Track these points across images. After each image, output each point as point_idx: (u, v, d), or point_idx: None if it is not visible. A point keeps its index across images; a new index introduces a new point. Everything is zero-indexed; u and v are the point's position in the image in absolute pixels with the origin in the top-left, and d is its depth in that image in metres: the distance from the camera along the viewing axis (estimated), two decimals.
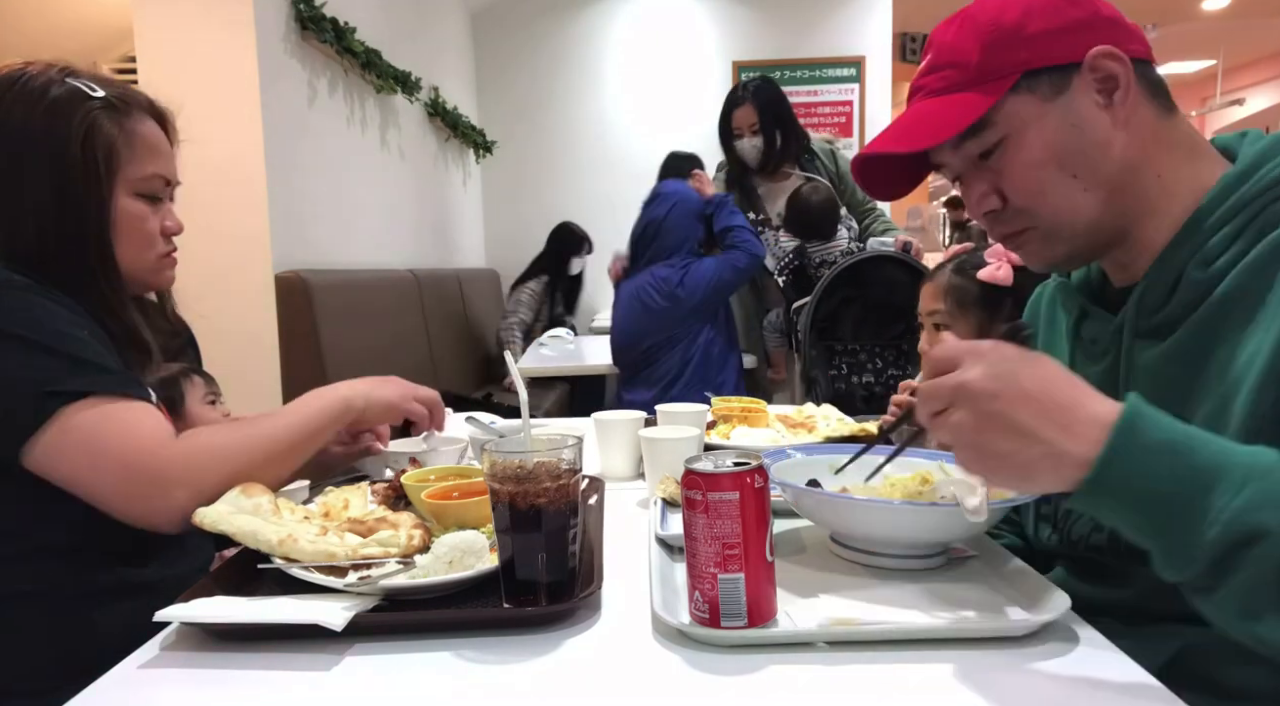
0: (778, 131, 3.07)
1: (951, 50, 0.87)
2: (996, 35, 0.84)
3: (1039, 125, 0.84)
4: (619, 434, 1.35)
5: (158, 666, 0.75)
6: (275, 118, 2.63)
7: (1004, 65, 0.84)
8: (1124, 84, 0.83)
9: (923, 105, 0.89)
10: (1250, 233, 0.79)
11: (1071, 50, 0.83)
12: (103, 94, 1.05)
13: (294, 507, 0.98)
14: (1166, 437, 0.64)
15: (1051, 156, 0.84)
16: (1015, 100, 0.84)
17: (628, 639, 0.78)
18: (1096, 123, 0.83)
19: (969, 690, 0.66)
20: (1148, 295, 0.85)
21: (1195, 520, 0.61)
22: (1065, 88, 0.84)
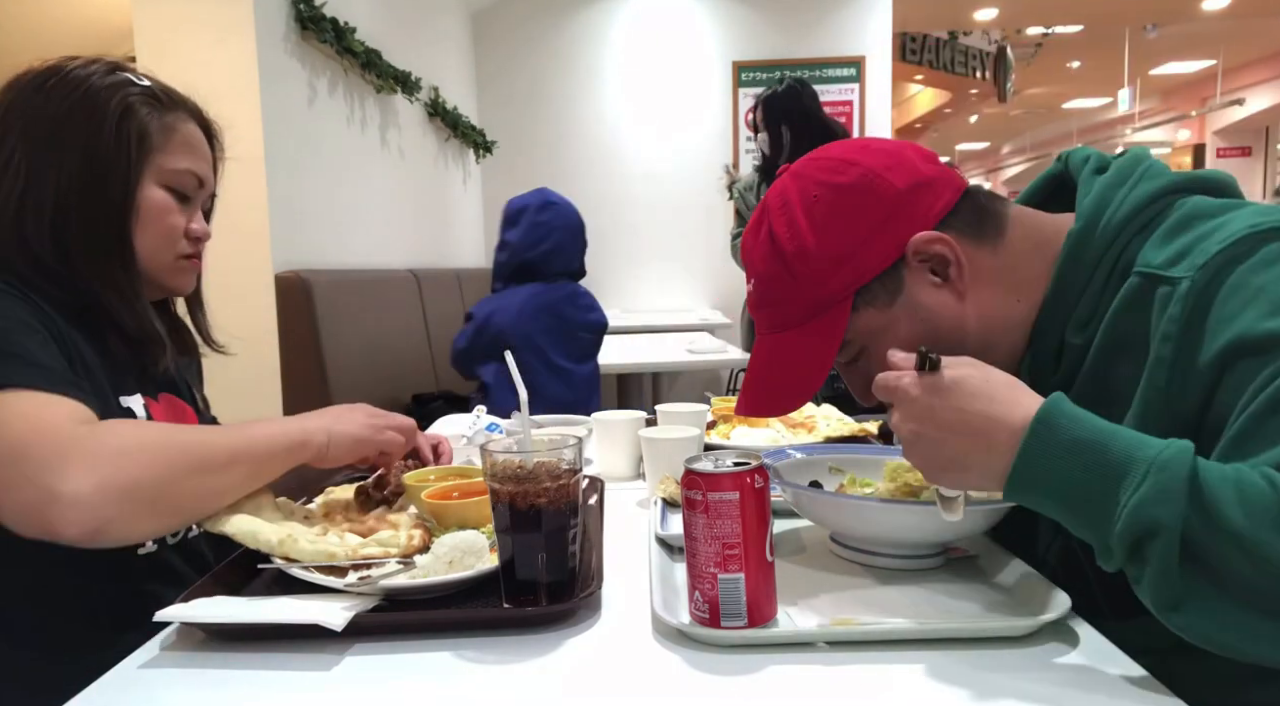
0: (783, 128, 3.21)
1: (773, 288, 0.89)
2: (810, 268, 0.86)
3: (891, 332, 0.86)
4: (619, 434, 1.35)
5: (158, 666, 0.75)
6: (275, 118, 2.63)
7: (832, 293, 0.86)
8: (954, 258, 0.84)
9: (774, 347, 0.92)
10: (1113, 284, 0.80)
11: (887, 250, 0.84)
12: (147, 83, 1.05)
13: (295, 508, 0.98)
14: (1078, 435, 0.66)
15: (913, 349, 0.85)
16: (858, 318, 0.86)
17: (628, 639, 0.78)
18: (942, 305, 0.85)
19: (969, 690, 0.66)
20: (1036, 364, 0.86)
21: (1107, 514, 0.64)
22: (899, 287, 0.85)
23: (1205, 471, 0.61)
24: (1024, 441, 0.67)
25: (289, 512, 0.96)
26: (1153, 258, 0.77)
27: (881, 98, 5.60)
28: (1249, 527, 0.58)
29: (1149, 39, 9.04)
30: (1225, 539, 0.59)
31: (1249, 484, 0.60)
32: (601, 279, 5.77)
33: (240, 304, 2.56)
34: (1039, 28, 8.99)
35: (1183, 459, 0.61)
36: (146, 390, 1.07)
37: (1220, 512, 0.59)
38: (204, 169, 1.11)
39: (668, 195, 5.59)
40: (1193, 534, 0.60)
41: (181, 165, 1.06)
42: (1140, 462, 0.62)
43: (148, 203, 1.03)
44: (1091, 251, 0.81)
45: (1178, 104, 12.45)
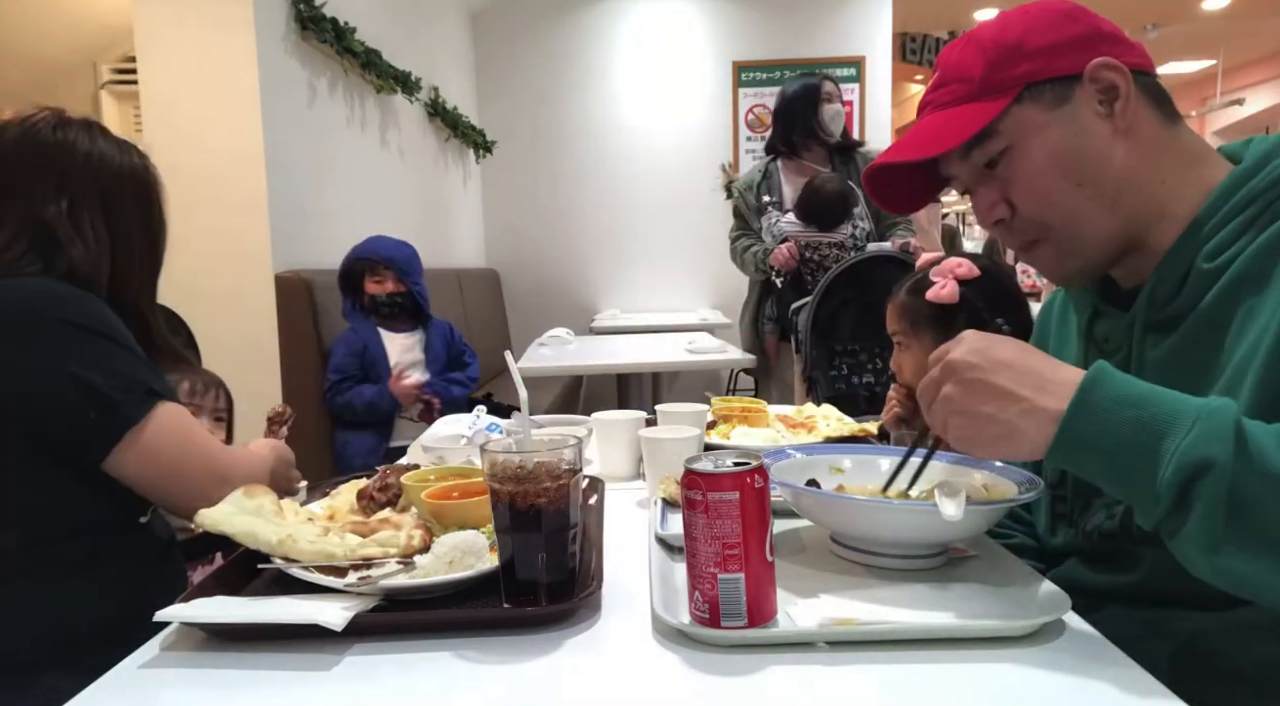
0: (779, 122, 3.32)
1: (957, 67, 0.91)
2: (1000, 51, 0.88)
3: (1042, 134, 0.87)
4: (619, 434, 1.35)
5: (158, 666, 0.75)
6: (275, 118, 2.63)
7: (1007, 78, 0.87)
8: (1124, 94, 0.86)
9: (930, 118, 0.93)
10: (1257, 226, 0.81)
11: (1072, 63, 0.86)
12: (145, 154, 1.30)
13: (297, 509, 0.98)
14: (1127, 392, 0.70)
15: (1055, 164, 0.87)
16: (1019, 110, 0.87)
17: (628, 639, 0.78)
18: (1098, 132, 0.86)
19: (969, 690, 0.66)
20: (1158, 290, 0.87)
21: (1154, 462, 0.66)
22: (1068, 98, 0.87)
23: (1248, 423, 0.65)
24: (1075, 395, 0.70)
25: (290, 514, 0.96)
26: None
27: (881, 98, 5.61)
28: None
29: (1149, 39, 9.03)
30: (1270, 483, 0.63)
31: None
32: (601, 278, 5.79)
33: (240, 304, 2.56)
34: None
35: (1229, 408, 0.65)
36: None
37: (1266, 458, 0.64)
38: None
39: (668, 195, 5.59)
40: (1238, 478, 0.63)
41: None
42: (1188, 412, 0.66)
43: None
44: (1248, 190, 0.83)
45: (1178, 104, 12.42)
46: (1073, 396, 0.70)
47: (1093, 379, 0.70)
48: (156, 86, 2.52)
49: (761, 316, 3.36)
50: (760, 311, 3.38)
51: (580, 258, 5.75)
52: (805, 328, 2.82)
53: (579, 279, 5.71)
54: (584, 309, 5.54)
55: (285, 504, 0.97)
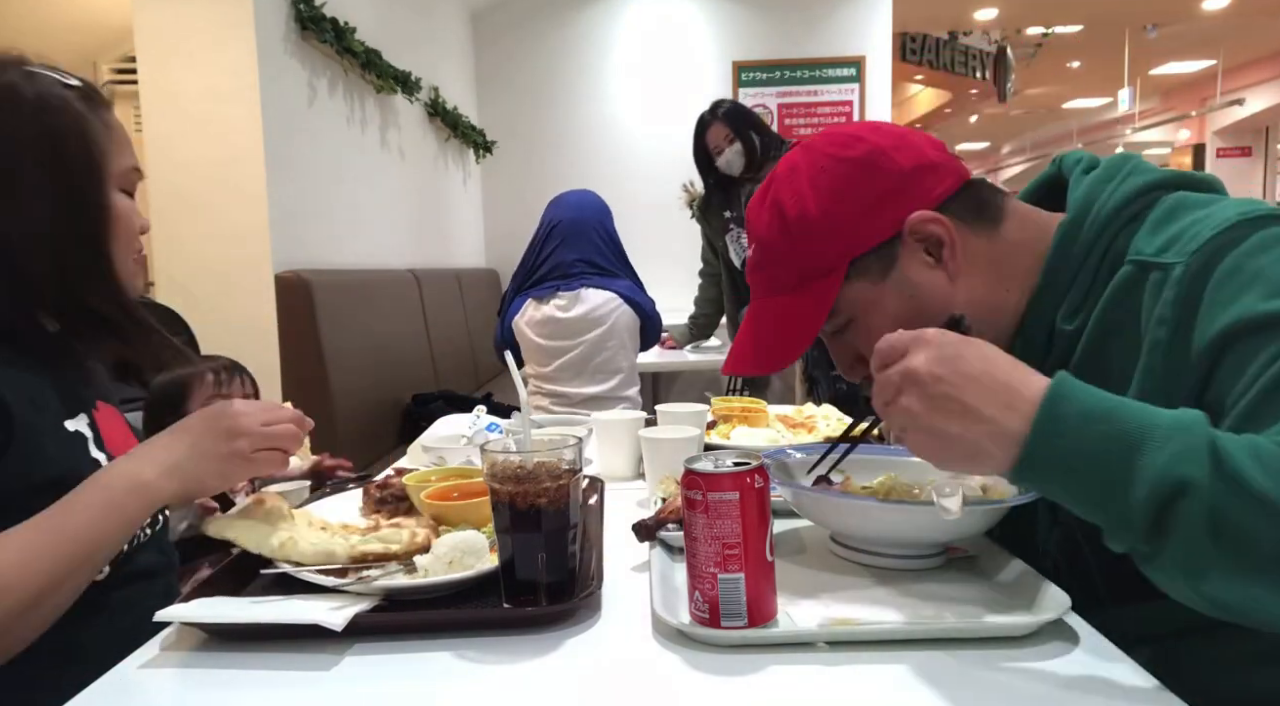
0: (753, 133, 3.28)
1: (772, 250, 0.92)
2: (808, 230, 0.88)
3: (879, 306, 0.88)
4: (619, 434, 1.35)
5: (158, 666, 0.75)
6: (275, 118, 2.63)
7: (828, 260, 0.88)
8: (948, 240, 0.86)
9: (764, 308, 0.94)
10: (1103, 274, 0.82)
11: (886, 225, 0.86)
12: (77, 83, 0.97)
13: (311, 519, 0.97)
14: (1093, 406, 0.64)
15: (902, 326, 0.82)
16: (850, 288, 0.88)
17: (628, 639, 0.78)
18: (933, 284, 0.87)
19: (969, 690, 0.66)
20: (1025, 352, 0.83)
21: (1126, 482, 0.61)
22: (893, 262, 0.87)
23: (1220, 436, 0.60)
24: (1038, 412, 0.64)
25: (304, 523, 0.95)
26: (1144, 246, 0.79)
27: (881, 98, 5.60)
28: (1273, 488, 0.57)
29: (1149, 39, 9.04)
30: (1250, 501, 0.57)
31: (1263, 448, 0.59)
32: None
33: (240, 304, 2.56)
34: (1039, 28, 8.99)
35: (1200, 422, 0.61)
36: (89, 405, 1.02)
37: (1244, 475, 0.58)
38: (136, 158, 1.03)
39: (668, 195, 5.58)
40: (1217, 498, 0.58)
41: (127, 163, 1.00)
42: (1159, 426, 0.61)
43: (117, 213, 0.98)
44: (1081, 242, 0.83)
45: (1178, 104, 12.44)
46: (1036, 413, 0.64)
47: (1056, 392, 0.65)
48: (156, 86, 2.52)
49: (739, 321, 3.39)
50: (738, 318, 3.42)
51: None
52: None
53: None
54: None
55: (299, 513, 0.97)
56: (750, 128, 3.28)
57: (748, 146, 3.26)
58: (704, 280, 3.73)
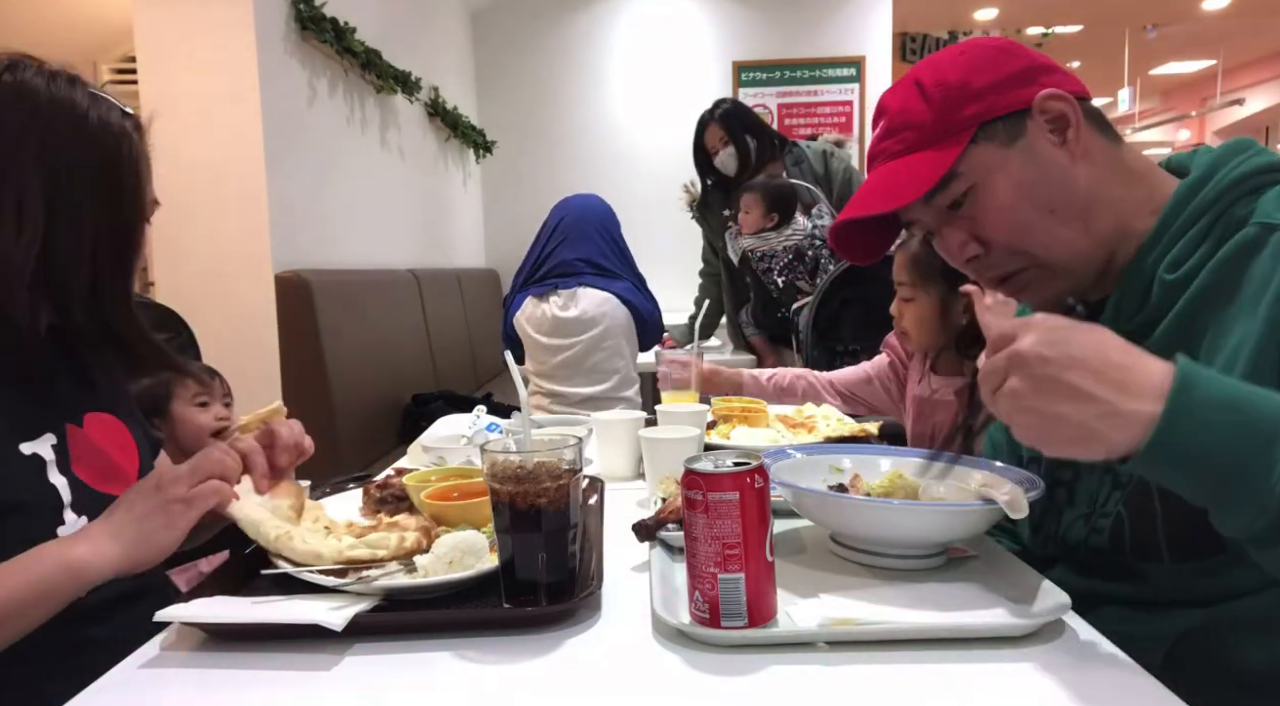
0: (748, 137, 3.26)
1: (904, 113, 0.92)
2: (945, 94, 0.90)
3: (1004, 170, 0.88)
4: (619, 434, 1.35)
5: (158, 666, 0.75)
6: (275, 118, 2.63)
7: (959, 121, 0.89)
8: (1074, 121, 0.88)
9: (887, 168, 0.93)
10: (1214, 234, 0.83)
11: (1019, 98, 0.88)
12: (131, 112, 1.01)
13: (319, 515, 0.96)
14: (1224, 393, 0.64)
15: (1023, 196, 0.88)
16: (976, 151, 0.88)
17: (628, 639, 0.78)
18: (1057, 160, 0.88)
19: (969, 690, 0.66)
20: (1123, 302, 0.88)
21: (1263, 472, 0.62)
22: (1021, 132, 0.89)
23: None
24: (1170, 399, 0.63)
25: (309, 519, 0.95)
26: (1274, 212, 0.80)
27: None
28: None
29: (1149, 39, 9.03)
30: None
31: None
32: None
33: (240, 304, 2.56)
34: (1039, 28, 8.98)
35: None
36: (70, 418, 1.00)
37: None
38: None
39: (668, 194, 5.58)
40: None
41: (153, 193, 1.04)
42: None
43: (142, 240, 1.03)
44: (1201, 199, 0.85)
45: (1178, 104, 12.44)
46: (1167, 400, 0.63)
47: (1185, 379, 0.64)
48: (156, 86, 2.52)
49: (740, 321, 3.40)
50: (736, 318, 3.42)
51: None
52: (806, 327, 2.82)
53: None
54: None
55: (311, 506, 0.97)
56: (746, 131, 3.26)
57: (741, 150, 3.26)
58: (704, 280, 3.73)
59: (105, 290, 0.98)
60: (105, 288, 0.98)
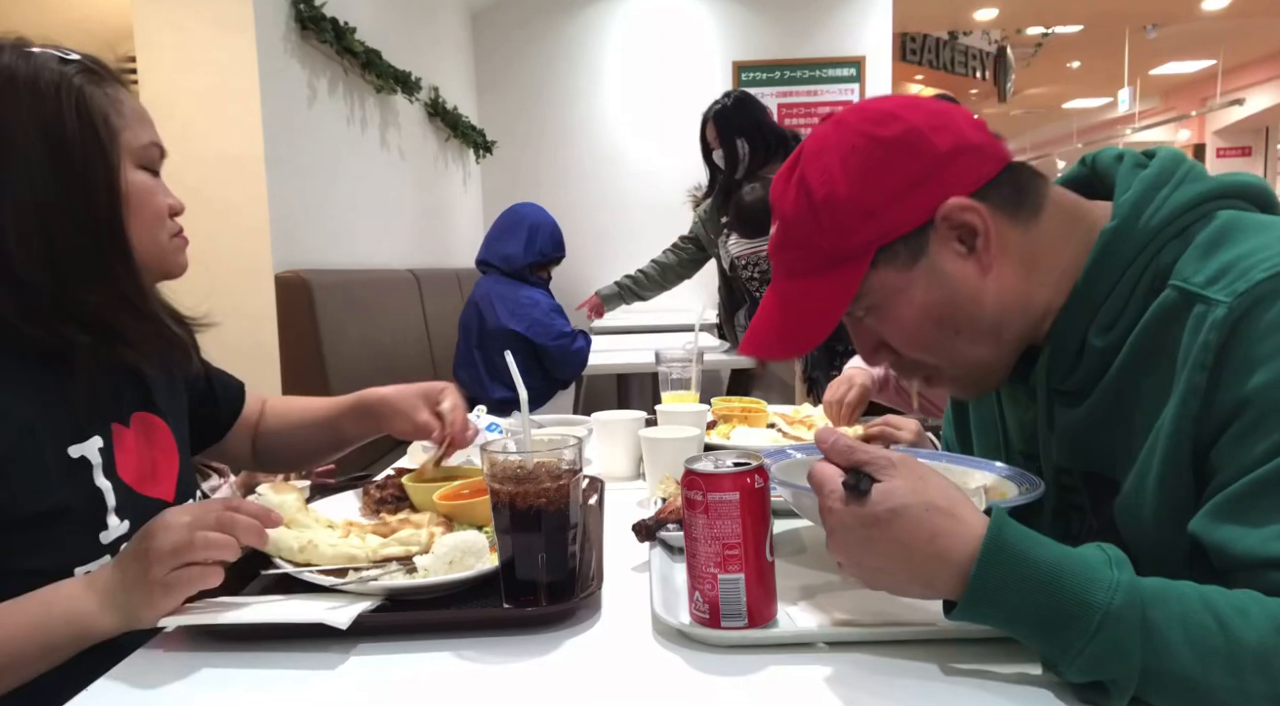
0: (740, 141, 3.20)
1: (796, 232, 0.86)
2: (835, 216, 0.82)
3: (906, 294, 0.82)
4: (619, 434, 1.35)
5: (158, 666, 0.75)
6: (275, 118, 2.63)
7: (855, 247, 0.82)
8: (983, 230, 0.80)
9: (788, 288, 0.88)
10: (1141, 287, 0.77)
11: (919, 209, 0.80)
12: (78, 58, 0.93)
13: (318, 517, 0.96)
14: (1026, 574, 0.65)
15: (926, 319, 0.82)
16: (875, 275, 0.82)
17: (628, 639, 0.78)
18: (964, 275, 0.81)
19: (969, 690, 0.66)
20: (1054, 362, 0.84)
21: (1063, 651, 0.63)
22: (923, 250, 0.81)
23: (1155, 609, 0.62)
24: (970, 584, 0.66)
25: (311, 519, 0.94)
26: (1191, 274, 0.74)
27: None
28: (1199, 670, 0.60)
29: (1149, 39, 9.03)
30: (1176, 681, 0.61)
31: (1194, 621, 0.61)
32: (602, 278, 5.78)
33: (240, 304, 2.56)
34: (1039, 28, 8.99)
35: (1134, 605, 0.61)
36: (117, 417, 0.98)
37: (1172, 656, 0.60)
38: (158, 134, 0.99)
39: (668, 194, 5.58)
40: (1146, 676, 0.61)
41: (145, 138, 0.96)
42: (1093, 610, 0.62)
43: (133, 189, 0.93)
44: (1124, 252, 0.78)
45: (1178, 104, 12.44)
46: (965, 591, 0.66)
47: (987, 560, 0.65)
48: (156, 86, 2.52)
49: (735, 324, 3.40)
50: (733, 319, 3.41)
51: (581, 257, 5.73)
52: None
53: (579, 278, 5.71)
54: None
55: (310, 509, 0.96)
56: (740, 132, 3.20)
57: (729, 154, 3.22)
58: (671, 252, 3.74)
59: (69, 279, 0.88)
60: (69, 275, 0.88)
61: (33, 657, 0.78)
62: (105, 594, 0.79)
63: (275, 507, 0.88)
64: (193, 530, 0.78)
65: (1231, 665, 0.59)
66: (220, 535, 0.78)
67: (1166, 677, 0.61)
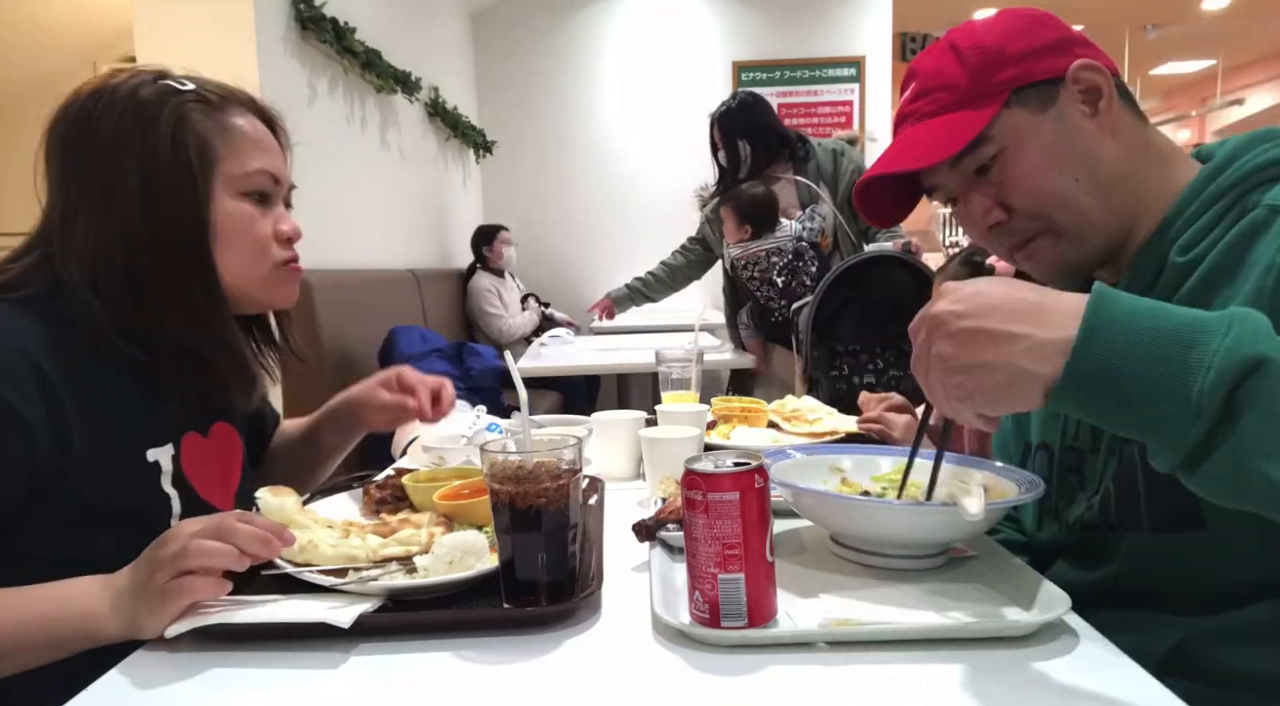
0: (741, 143, 3.21)
1: (938, 75, 0.92)
2: (981, 57, 0.90)
3: (1035, 135, 0.89)
4: (619, 434, 1.35)
5: (158, 666, 0.75)
6: None
7: (993, 84, 0.89)
8: (1106, 94, 0.89)
9: (917, 128, 0.93)
10: (1228, 220, 0.83)
11: (1053, 66, 0.89)
12: (193, 88, 0.97)
13: (316, 518, 0.95)
14: (1139, 305, 0.64)
15: (1051, 162, 0.88)
16: (1009, 115, 0.89)
17: (628, 639, 0.78)
18: (1087, 130, 0.89)
19: (969, 690, 0.66)
20: (1134, 283, 0.89)
21: (1189, 373, 0.60)
22: (1053, 100, 0.89)
23: None
24: (1085, 315, 0.63)
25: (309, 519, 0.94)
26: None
27: (881, 98, 5.61)
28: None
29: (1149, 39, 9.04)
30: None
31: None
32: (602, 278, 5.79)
33: None
34: None
35: (1254, 312, 0.62)
36: (197, 426, 1.02)
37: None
38: (276, 163, 1.02)
39: (668, 194, 5.59)
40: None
41: (252, 166, 0.98)
42: (1213, 318, 0.61)
43: (225, 217, 0.96)
44: (1218, 186, 0.85)
45: (1178, 104, 12.44)
46: (1082, 320, 0.63)
47: (1099, 297, 0.64)
48: None
49: (738, 323, 3.40)
50: (735, 319, 3.42)
51: (581, 257, 5.75)
52: (806, 327, 2.82)
53: (579, 278, 5.71)
54: (585, 308, 5.54)
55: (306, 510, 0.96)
56: (742, 135, 3.21)
57: (731, 155, 3.23)
58: (679, 254, 3.73)
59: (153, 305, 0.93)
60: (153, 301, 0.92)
61: (39, 647, 0.79)
62: (115, 597, 0.79)
63: (274, 510, 0.89)
64: (192, 538, 0.78)
65: None
66: (217, 544, 0.78)
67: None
